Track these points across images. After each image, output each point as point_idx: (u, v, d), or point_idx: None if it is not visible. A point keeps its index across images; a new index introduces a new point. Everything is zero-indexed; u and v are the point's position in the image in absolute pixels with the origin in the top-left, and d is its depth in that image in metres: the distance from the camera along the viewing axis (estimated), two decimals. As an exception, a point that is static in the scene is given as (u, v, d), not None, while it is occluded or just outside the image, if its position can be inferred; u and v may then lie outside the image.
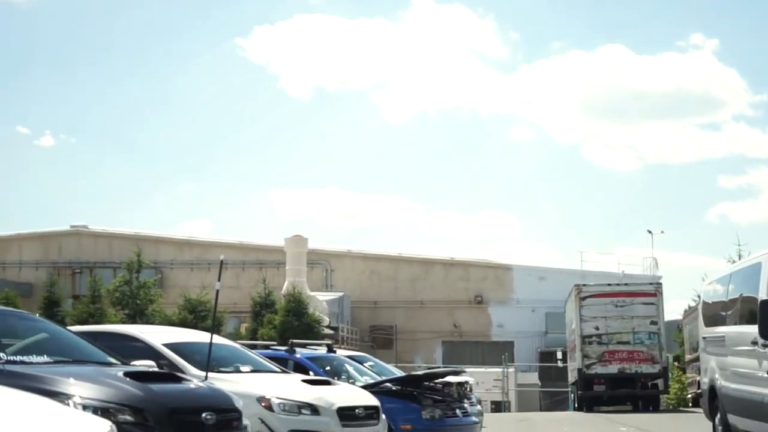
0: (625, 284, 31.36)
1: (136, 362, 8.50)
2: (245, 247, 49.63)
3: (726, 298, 11.97)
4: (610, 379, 28.09)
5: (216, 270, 11.50)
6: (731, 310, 11.64)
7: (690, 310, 33.26)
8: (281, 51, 79.21)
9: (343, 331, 42.63)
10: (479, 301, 48.20)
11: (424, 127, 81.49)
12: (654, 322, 28.21)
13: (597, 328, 28.33)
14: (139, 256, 35.32)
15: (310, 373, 12.72)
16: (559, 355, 38.53)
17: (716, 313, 12.43)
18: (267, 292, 37.09)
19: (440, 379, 13.98)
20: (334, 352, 15.31)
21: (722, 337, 11.73)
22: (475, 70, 79.93)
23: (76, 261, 49.38)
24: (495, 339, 47.55)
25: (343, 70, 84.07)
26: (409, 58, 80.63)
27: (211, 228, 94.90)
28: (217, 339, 11.00)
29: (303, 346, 15.25)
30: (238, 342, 13.79)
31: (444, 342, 47.92)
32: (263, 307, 36.48)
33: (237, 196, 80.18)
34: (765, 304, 9.67)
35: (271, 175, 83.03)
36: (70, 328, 10.05)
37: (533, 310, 46.78)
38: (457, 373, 16.35)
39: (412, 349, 46.73)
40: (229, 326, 36.88)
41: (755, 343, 10.19)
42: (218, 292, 9.81)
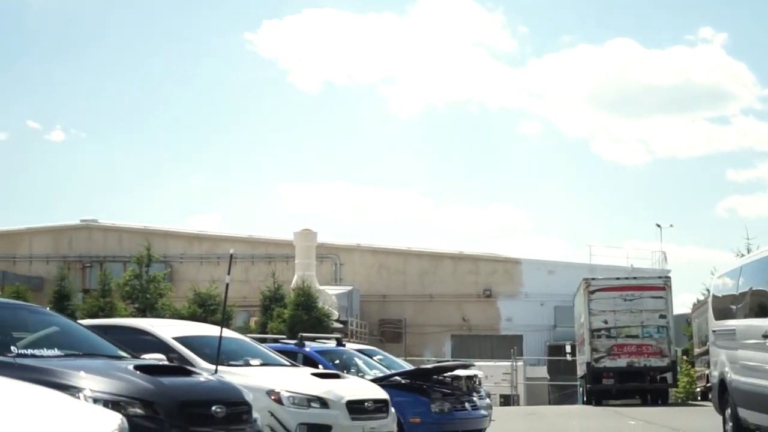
0: (634, 278, 31.28)
1: (147, 356, 8.51)
2: (254, 241, 49.68)
3: (736, 292, 11.93)
4: (619, 372, 28.04)
5: (225, 264, 11.52)
6: (741, 304, 11.60)
7: (699, 303, 33.15)
8: (290, 45, 79.23)
9: (352, 325, 42.68)
10: (488, 295, 48.17)
11: (432, 122, 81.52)
12: (663, 316, 28.14)
13: (606, 322, 28.28)
14: (148, 250, 35.35)
15: (320, 366, 12.74)
16: (568, 349, 38.45)
17: (726, 307, 12.38)
18: (276, 286, 37.14)
19: (449, 373, 13.94)
20: (344, 346, 15.31)
21: (733, 330, 11.69)
22: (484, 64, 79.86)
23: (86, 255, 49.54)
24: (504, 333, 47.53)
25: (352, 65, 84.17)
26: (417, 53, 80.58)
27: (221, 222, 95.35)
28: (227, 333, 11.01)
29: (312, 339, 15.24)
30: (247, 336, 13.80)
31: (453, 336, 47.93)
32: (272, 300, 36.55)
33: (246, 191, 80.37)
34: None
35: (281, 169, 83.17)
36: (81, 322, 10.07)
37: (542, 304, 46.73)
38: (466, 367, 16.31)
39: (421, 342, 46.73)
40: (239, 320, 36.93)
41: (766, 336, 10.17)
42: (228, 286, 9.83)
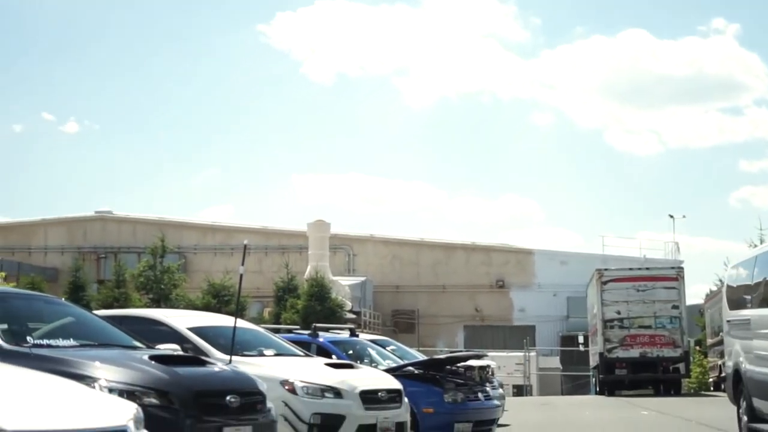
0: (647, 269, 31.19)
1: (161, 346, 8.53)
2: (268, 232, 49.76)
3: (751, 282, 11.89)
4: (632, 363, 28.02)
5: (239, 255, 11.56)
6: (756, 293, 11.57)
7: (712, 294, 33.06)
8: (303, 37, 79.25)
9: (365, 316, 42.74)
10: (501, 286, 48.14)
11: (445, 113, 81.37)
12: (676, 307, 28.09)
13: (618, 313, 28.25)
14: (163, 241, 35.49)
15: (333, 356, 12.76)
16: (581, 339, 38.47)
17: (741, 297, 12.35)
18: (290, 277, 37.23)
19: (462, 363, 13.94)
20: (357, 336, 15.33)
21: (747, 320, 11.66)
22: (497, 55, 79.66)
23: (101, 246, 49.73)
24: (516, 323, 47.51)
25: (365, 56, 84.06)
26: (430, 44, 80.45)
27: (235, 213, 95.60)
28: (241, 323, 11.05)
29: (326, 330, 15.27)
30: (261, 326, 13.84)
31: (466, 326, 47.95)
32: (286, 291, 36.64)
33: (260, 182, 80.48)
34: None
35: (294, 160, 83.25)
36: (96, 313, 10.12)
37: (555, 295, 46.68)
38: (479, 357, 16.35)
39: (434, 333, 46.76)
40: (253, 311, 37.06)
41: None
42: (242, 277, 9.86)
